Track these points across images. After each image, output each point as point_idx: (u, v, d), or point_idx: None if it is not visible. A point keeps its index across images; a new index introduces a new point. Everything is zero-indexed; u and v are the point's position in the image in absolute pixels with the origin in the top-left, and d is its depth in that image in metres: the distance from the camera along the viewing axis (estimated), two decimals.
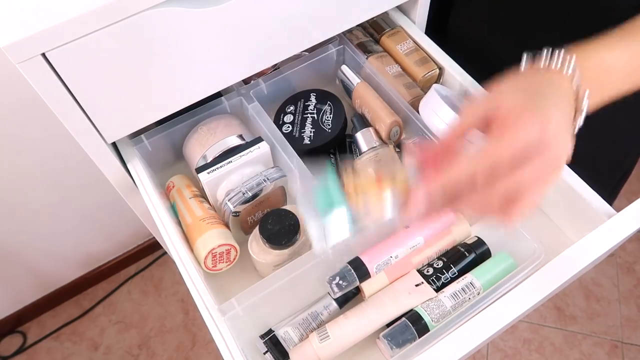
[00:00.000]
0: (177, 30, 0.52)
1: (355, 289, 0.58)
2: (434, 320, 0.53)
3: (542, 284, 0.49)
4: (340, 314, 0.57)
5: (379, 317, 0.54)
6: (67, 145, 1.08)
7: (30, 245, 1.33)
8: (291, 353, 0.53)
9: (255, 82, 0.70)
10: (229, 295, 0.53)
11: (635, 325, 1.46)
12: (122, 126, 0.59)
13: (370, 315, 0.54)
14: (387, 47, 0.75)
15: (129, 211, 0.72)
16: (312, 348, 0.52)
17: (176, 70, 0.56)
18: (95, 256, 1.53)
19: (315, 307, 0.57)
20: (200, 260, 0.58)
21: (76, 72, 0.50)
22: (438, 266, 0.58)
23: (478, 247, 0.59)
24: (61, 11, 0.45)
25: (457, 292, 0.55)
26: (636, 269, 1.56)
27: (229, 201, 0.60)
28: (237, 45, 0.58)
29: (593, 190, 0.56)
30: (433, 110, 0.60)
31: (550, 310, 1.50)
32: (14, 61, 0.45)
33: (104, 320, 1.54)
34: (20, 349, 1.49)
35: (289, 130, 0.70)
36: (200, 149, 0.65)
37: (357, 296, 0.59)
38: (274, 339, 0.55)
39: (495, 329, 0.47)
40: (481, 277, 0.56)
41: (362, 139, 0.65)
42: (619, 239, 0.51)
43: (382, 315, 0.54)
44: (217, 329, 0.51)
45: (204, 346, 1.48)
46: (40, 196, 1.22)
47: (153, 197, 0.60)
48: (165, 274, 1.61)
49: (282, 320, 0.57)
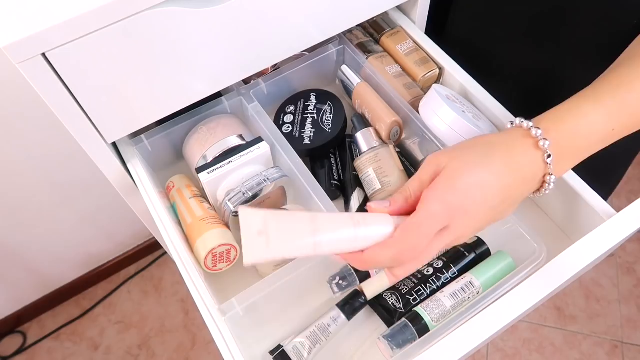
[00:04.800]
0: (177, 30, 0.52)
1: (364, 302, 0.58)
2: (434, 320, 0.53)
3: (542, 284, 0.49)
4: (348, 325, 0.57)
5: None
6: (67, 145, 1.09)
7: (30, 245, 1.33)
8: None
9: (255, 82, 0.70)
10: (229, 295, 0.52)
11: (635, 325, 1.46)
12: (122, 126, 0.59)
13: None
14: (387, 47, 0.75)
15: (129, 211, 0.72)
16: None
17: (176, 70, 0.56)
18: (95, 256, 1.53)
19: (323, 319, 0.58)
20: (200, 260, 0.58)
21: (76, 72, 0.50)
22: (438, 266, 0.58)
23: (478, 247, 0.60)
24: (61, 11, 0.45)
25: (456, 292, 0.55)
26: (636, 269, 1.56)
27: (229, 201, 0.60)
28: (237, 45, 0.58)
29: (593, 190, 0.56)
30: (433, 110, 0.60)
31: (550, 310, 1.50)
32: (14, 61, 0.45)
33: (104, 320, 1.54)
34: (20, 349, 1.49)
35: (289, 130, 0.70)
36: (200, 149, 0.65)
37: (365, 307, 0.59)
38: (283, 355, 0.56)
39: (495, 329, 0.47)
40: (480, 277, 0.56)
41: (362, 139, 0.65)
42: (619, 239, 0.51)
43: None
44: (217, 329, 0.51)
45: (204, 346, 1.48)
46: (40, 196, 1.22)
47: (153, 197, 0.60)
48: (165, 274, 1.61)
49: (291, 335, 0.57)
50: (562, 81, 0.65)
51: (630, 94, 0.45)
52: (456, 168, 0.42)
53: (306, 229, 0.40)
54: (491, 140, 0.44)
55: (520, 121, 0.45)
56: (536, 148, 0.43)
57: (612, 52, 0.51)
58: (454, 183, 0.41)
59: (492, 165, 0.42)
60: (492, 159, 0.42)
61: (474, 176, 0.41)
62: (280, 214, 0.42)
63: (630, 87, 0.45)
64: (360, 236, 0.41)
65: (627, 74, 0.46)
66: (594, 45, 0.60)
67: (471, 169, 0.41)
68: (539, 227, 0.63)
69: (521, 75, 0.70)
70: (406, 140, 0.68)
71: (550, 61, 0.65)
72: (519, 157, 0.43)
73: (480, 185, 0.41)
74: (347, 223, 0.42)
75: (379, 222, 0.42)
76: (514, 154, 0.43)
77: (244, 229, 0.39)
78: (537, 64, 0.67)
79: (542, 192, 0.46)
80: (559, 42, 0.63)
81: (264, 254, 0.39)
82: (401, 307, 0.57)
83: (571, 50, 0.62)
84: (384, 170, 0.62)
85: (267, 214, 0.41)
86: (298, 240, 0.40)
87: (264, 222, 0.40)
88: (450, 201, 0.40)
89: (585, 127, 0.44)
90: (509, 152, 0.43)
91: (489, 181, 0.41)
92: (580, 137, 0.45)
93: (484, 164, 0.42)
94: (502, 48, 0.70)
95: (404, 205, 0.43)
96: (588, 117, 0.44)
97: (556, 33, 0.63)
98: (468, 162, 0.42)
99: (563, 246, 0.51)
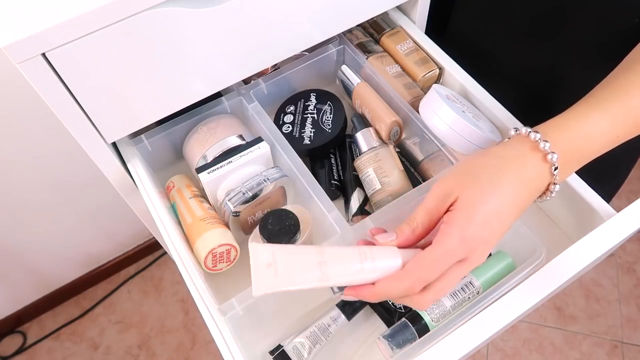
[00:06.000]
0: (177, 30, 0.52)
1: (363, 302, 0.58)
2: (434, 320, 0.53)
3: (542, 284, 0.49)
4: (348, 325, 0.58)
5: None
6: (67, 145, 1.09)
7: (30, 245, 1.33)
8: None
9: (255, 82, 0.70)
10: (229, 295, 0.52)
11: (635, 325, 1.46)
12: (122, 126, 0.59)
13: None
14: (387, 47, 0.75)
15: (129, 211, 0.72)
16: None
17: (176, 70, 0.56)
18: (95, 256, 1.53)
19: (323, 319, 0.58)
20: (200, 260, 0.58)
21: (76, 72, 0.50)
22: None
23: None
24: (61, 11, 0.45)
25: (456, 292, 0.55)
26: (636, 269, 1.56)
27: (229, 201, 0.60)
28: (237, 45, 0.58)
29: (593, 190, 0.56)
30: (433, 110, 0.60)
31: (550, 310, 1.50)
32: (14, 61, 0.45)
33: (104, 320, 1.54)
34: (20, 349, 1.49)
35: (289, 130, 0.70)
36: (200, 149, 0.65)
37: (365, 307, 0.59)
38: (283, 355, 0.56)
39: (495, 329, 0.47)
40: (480, 277, 0.56)
41: (362, 139, 0.65)
42: (619, 239, 0.51)
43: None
44: (217, 329, 0.51)
45: (204, 346, 1.48)
46: (40, 196, 1.22)
47: (153, 197, 0.60)
48: (165, 274, 1.61)
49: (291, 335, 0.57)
50: (562, 81, 0.65)
51: (634, 99, 0.45)
52: (470, 199, 0.41)
53: (313, 262, 0.42)
54: (500, 156, 0.44)
55: (527, 131, 0.44)
56: (544, 161, 0.43)
57: (613, 52, 0.51)
58: (471, 216, 0.41)
59: (505, 188, 0.42)
60: (503, 181, 0.42)
61: (490, 205, 0.41)
62: (289, 247, 0.44)
63: (635, 93, 0.45)
64: (367, 269, 0.42)
65: (631, 80, 0.46)
66: (595, 45, 0.60)
67: (486, 199, 0.41)
68: (539, 227, 0.63)
69: (521, 75, 0.70)
70: (406, 140, 0.68)
71: (551, 61, 0.65)
72: (529, 173, 0.43)
73: (496, 213, 0.41)
74: (354, 256, 0.43)
75: (386, 255, 0.43)
76: (524, 171, 0.43)
77: (254, 261, 0.41)
78: (538, 63, 0.67)
79: (544, 198, 0.46)
80: (559, 42, 0.63)
81: (272, 285, 0.41)
82: (401, 307, 0.57)
83: (571, 50, 0.62)
84: (384, 170, 0.62)
85: (275, 247, 0.43)
86: (305, 272, 0.42)
87: (273, 255, 0.42)
88: (469, 236, 0.40)
89: (591, 135, 0.44)
90: (518, 169, 0.43)
91: (504, 206, 0.41)
92: (586, 146, 0.45)
93: (496, 190, 0.41)
94: (502, 48, 0.70)
95: (410, 237, 0.44)
96: (594, 125, 0.44)
97: (556, 33, 0.62)
98: (483, 190, 0.41)
99: (563, 246, 0.51)
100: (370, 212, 0.63)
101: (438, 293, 0.42)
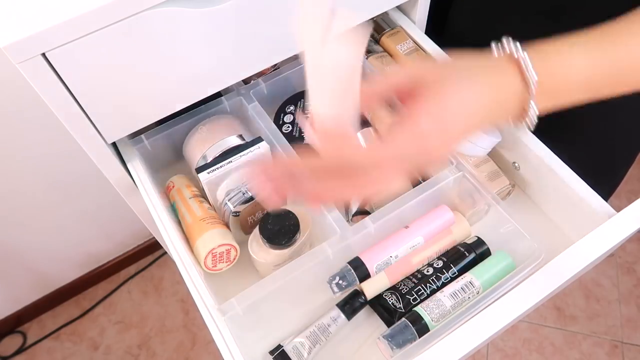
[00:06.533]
0: (177, 30, 0.52)
1: (363, 302, 0.58)
2: (434, 320, 0.53)
3: (542, 284, 0.49)
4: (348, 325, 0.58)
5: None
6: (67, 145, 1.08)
7: (30, 245, 1.33)
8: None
9: (255, 82, 0.70)
10: (229, 295, 0.52)
11: (635, 325, 1.46)
12: (122, 126, 0.59)
13: None
14: (387, 47, 0.75)
15: (129, 211, 0.72)
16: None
17: (176, 70, 0.56)
18: (95, 256, 1.53)
19: (323, 319, 0.58)
20: (200, 260, 0.58)
21: (76, 72, 0.50)
22: (438, 266, 0.58)
23: (478, 246, 0.60)
24: (61, 11, 0.45)
25: (456, 292, 0.55)
26: (636, 269, 1.56)
27: (229, 201, 0.60)
28: (237, 45, 0.58)
29: (593, 190, 0.56)
30: None
31: (550, 310, 1.50)
32: (14, 61, 0.45)
33: (104, 320, 1.54)
34: (20, 349, 1.49)
35: (289, 130, 0.70)
36: (200, 149, 0.65)
37: (365, 307, 0.59)
38: (283, 355, 0.56)
39: (495, 329, 0.47)
40: (480, 277, 0.56)
41: (362, 139, 0.65)
42: (619, 239, 0.51)
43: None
44: (217, 329, 0.51)
45: (204, 346, 1.48)
46: (40, 196, 1.22)
47: (153, 197, 0.60)
48: (165, 274, 1.61)
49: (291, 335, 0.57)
50: None
51: (620, 47, 0.44)
52: (441, 86, 0.41)
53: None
54: (476, 60, 0.45)
55: (507, 42, 0.45)
56: (519, 71, 0.43)
57: None
58: (441, 100, 0.41)
59: (476, 86, 0.42)
60: (475, 79, 0.42)
61: (460, 95, 0.41)
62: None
63: (621, 41, 0.44)
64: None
65: (624, 30, 0.45)
66: None
67: (457, 89, 0.41)
68: (539, 227, 0.62)
69: None
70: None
71: None
72: (500, 77, 0.43)
73: (464, 104, 0.41)
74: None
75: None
76: (498, 77, 0.43)
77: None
78: None
79: (523, 121, 0.45)
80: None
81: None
82: (401, 307, 0.57)
83: None
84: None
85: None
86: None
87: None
88: (434, 115, 0.40)
89: (568, 68, 0.44)
90: (492, 74, 0.43)
91: (473, 100, 0.41)
92: (561, 78, 0.44)
93: (469, 85, 0.42)
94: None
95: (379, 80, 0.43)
96: (573, 60, 0.44)
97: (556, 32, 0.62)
98: (454, 82, 0.42)
99: (563, 246, 0.51)
100: (370, 212, 0.63)
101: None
